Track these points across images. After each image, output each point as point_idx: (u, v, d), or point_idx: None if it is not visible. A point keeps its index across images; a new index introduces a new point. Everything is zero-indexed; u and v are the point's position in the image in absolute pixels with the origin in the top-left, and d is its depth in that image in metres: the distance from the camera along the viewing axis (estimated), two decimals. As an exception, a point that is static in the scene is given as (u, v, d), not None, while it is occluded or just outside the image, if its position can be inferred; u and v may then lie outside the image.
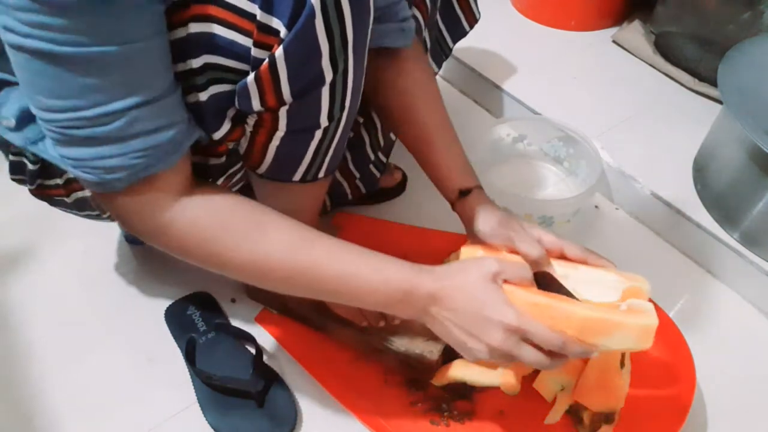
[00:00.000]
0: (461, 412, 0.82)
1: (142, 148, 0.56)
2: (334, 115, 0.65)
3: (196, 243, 0.61)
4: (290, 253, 0.62)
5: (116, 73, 0.52)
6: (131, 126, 0.55)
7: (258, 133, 0.66)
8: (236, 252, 0.61)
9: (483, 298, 0.61)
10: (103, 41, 0.50)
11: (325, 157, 0.71)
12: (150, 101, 0.55)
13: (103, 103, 0.53)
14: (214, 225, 0.61)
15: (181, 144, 0.59)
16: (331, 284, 0.63)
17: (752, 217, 0.98)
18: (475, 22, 1.01)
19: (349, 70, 0.62)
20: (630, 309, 0.62)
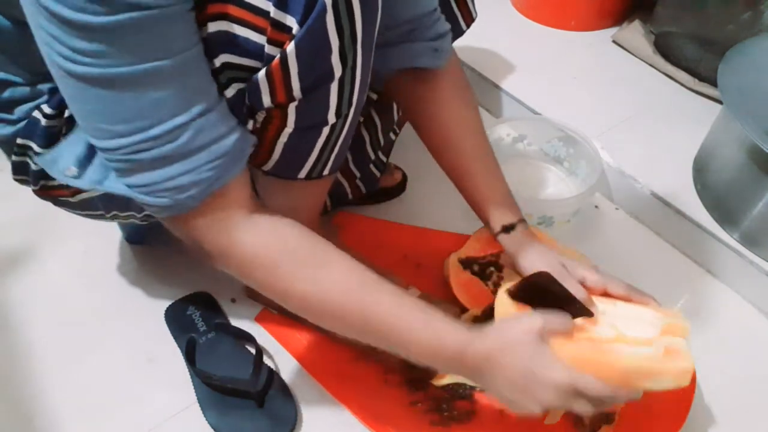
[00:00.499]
0: (461, 412, 0.82)
1: (210, 159, 0.56)
2: (341, 112, 0.65)
3: (260, 264, 0.61)
4: (349, 295, 0.62)
5: (173, 86, 0.53)
6: (196, 138, 0.55)
7: (266, 130, 0.66)
8: (297, 283, 0.61)
9: (533, 358, 0.60)
10: (153, 56, 0.51)
11: (330, 154, 0.71)
12: (209, 109, 0.56)
13: (166, 118, 0.53)
14: (281, 250, 0.61)
15: (244, 150, 0.59)
16: (384, 333, 0.63)
17: (752, 217, 0.98)
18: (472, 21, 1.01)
19: (357, 66, 0.62)
20: (667, 351, 0.62)
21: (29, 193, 0.77)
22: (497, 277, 0.92)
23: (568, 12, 1.42)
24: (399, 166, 1.13)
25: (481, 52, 1.34)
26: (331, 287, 0.62)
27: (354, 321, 0.63)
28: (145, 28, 0.50)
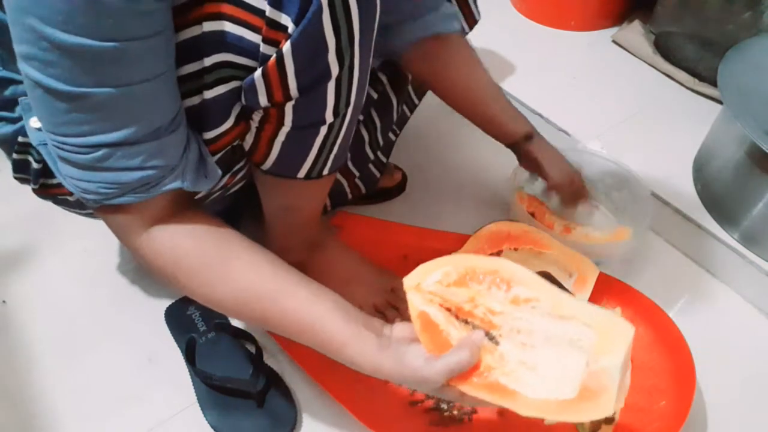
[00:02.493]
0: (461, 412, 0.82)
1: (111, 181, 0.59)
2: (339, 111, 0.65)
3: (159, 272, 0.66)
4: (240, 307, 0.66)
5: (104, 112, 0.55)
6: (107, 160, 0.57)
7: (264, 129, 0.67)
8: (191, 291, 0.67)
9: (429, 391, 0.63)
10: (101, 83, 0.53)
11: (329, 153, 0.71)
12: (129, 142, 0.57)
13: (87, 134, 0.56)
14: (173, 261, 0.65)
15: (154, 186, 0.61)
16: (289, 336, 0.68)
17: (752, 217, 0.98)
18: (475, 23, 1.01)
19: (355, 66, 0.62)
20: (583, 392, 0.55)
21: (29, 193, 0.77)
22: None
23: (568, 12, 1.42)
24: (399, 166, 1.13)
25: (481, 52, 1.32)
26: (223, 299, 0.66)
27: (262, 322, 0.67)
28: (105, 59, 0.52)
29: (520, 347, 0.59)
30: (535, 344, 0.59)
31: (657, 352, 0.86)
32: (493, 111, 0.93)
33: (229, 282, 0.65)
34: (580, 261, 0.91)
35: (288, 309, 0.65)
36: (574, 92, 1.28)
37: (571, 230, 0.99)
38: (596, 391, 0.55)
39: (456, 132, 1.26)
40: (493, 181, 1.13)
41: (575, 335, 0.58)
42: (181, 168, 0.62)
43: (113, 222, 0.65)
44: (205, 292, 0.66)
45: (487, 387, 0.58)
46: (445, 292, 0.63)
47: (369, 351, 0.63)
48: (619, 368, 0.56)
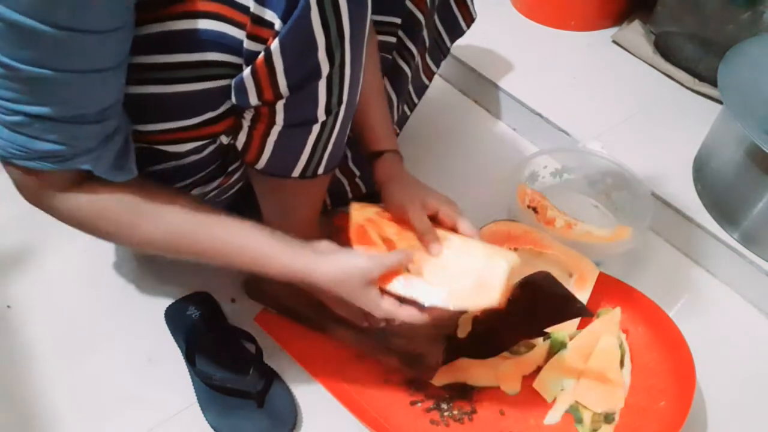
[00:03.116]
0: (461, 412, 0.82)
1: (21, 144, 0.57)
2: (331, 109, 0.65)
3: (81, 227, 0.66)
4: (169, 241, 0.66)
5: (33, 87, 0.54)
6: (21, 126, 0.56)
7: (255, 128, 0.67)
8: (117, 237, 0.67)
9: (359, 298, 0.69)
10: (39, 63, 0.52)
11: (323, 152, 0.71)
12: (48, 118, 0.56)
13: (9, 100, 0.54)
14: (92, 215, 0.64)
15: (66, 162, 0.60)
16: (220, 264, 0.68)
17: (752, 217, 0.98)
18: (472, 21, 1.01)
19: (346, 64, 0.62)
20: (478, 284, 0.70)
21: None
22: None
23: (568, 12, 1.42)
24: (399, 166, 1.13)
25: (481, 52, 1.34)
26: (150, 238, 0.66)
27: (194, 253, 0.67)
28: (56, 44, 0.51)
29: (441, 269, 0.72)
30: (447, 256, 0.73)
31: (657, 352, 0.86)
32: (364, 118, 0.83)
33: (154, 218, 0.65)
34: (580, 261, 0.91)
35: (217, 235, 0.67)
36: (574, 92, 1.28)
37: (572, 227, 0.99)
38: (484, 285, 0.69)
39: (456, 132, 1.26)
40: (493, 181, 1.13)
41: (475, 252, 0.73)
42: (97, 153, 0.61)
43: (21, 180, 0.63)
44: (132, 234, 0.66)
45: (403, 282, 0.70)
46: (381, 222, 0.76)
47: (305, 258, 0.68)
48: (505, 266, 0.70)
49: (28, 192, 0.64)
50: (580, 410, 0.82)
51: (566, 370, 0.84)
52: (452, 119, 1.29)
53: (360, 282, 0.68)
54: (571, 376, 0.84)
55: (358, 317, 0.84)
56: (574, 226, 0.99)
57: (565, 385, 0.84)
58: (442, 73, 1.36)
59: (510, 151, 1.23)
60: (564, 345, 0.87)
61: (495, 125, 1.29)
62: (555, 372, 0.84)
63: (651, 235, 1.08)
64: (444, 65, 1.34)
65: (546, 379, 0.84)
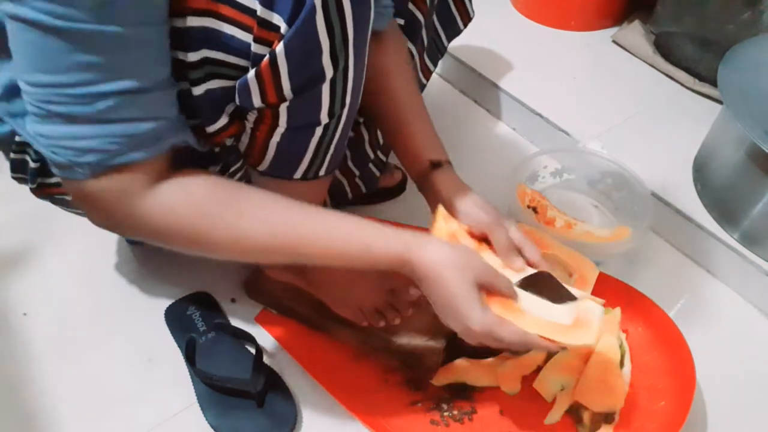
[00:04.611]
0: (461, 412, 0.82)
1: (120, 134, 0.55)
2: (334, 112, 0.65)
3: (175, 229, 0.60)
4: (275, 235, 0.62)
5: (110, 55, 0.52)
6: (115, 110, 0.54)
7: (258, 130, 0.67)
8: (217, 237, 0.61)
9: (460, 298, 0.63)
10: (105, 20, 0.50)
11: (326, 154, 0.71)
12: (139, 90, 0.54)
13: (91, 82, 0.52)
14: (190, 212, 0.60)
15: (162, 139, 0.58)
16: (318, 260, 0.64)
17: (752, 217, 0.98)
18: (470, 20, 1.01)
19: (349, 67, 0.62)
20: (575, 324, 0.67)
21: (29, 194, 0.77)
22: None
23: (568, 12, 1.42)
24: (399, 166, 1.13)
25: (481, 52, 1.34)
26: (252, 233, 0.61)
27: (286, 255, 0.63)
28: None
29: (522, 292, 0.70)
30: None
31: (657, 352, 0.86)
32: (407, 128, 0.80)
33: (255, 212, 0.61)
34: (580, 261, 0.91)
35: (318, 226, 0.63)
36: (574, 92, 1.28)
37: (572, 227, 0.99)
38: (585, 323, 0.67)
39: (456, 132, 1.26)
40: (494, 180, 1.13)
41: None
42: (182, 121, 0.60)
43: (108, 189, 0.58)
44: (232, 234, 0.61)
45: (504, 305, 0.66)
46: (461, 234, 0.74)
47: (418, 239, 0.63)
48: (601, 310, 0.69)
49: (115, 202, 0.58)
50: (580, 410, 0.82)
51: (566, 370, 0.84)
52: (452, 119, 1.29)
53: (471, 277, 0.62)
54: (571, 376, 0.84)
55: (358, 317, 0.84)
56: (574, 226, 0.99)
57: (565, 385, 0.84)
58: (442, 73, 1.37)
59: (510, 151, 1.23)
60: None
61: (495, 125, 1.29)
62: (555, 372, 0.84)
63: (651, 235, 1.08)
64: (444, 65, 1.35)
65: (546, 379, 0.84)
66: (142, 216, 0.59)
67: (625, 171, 1.04)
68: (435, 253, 0.63)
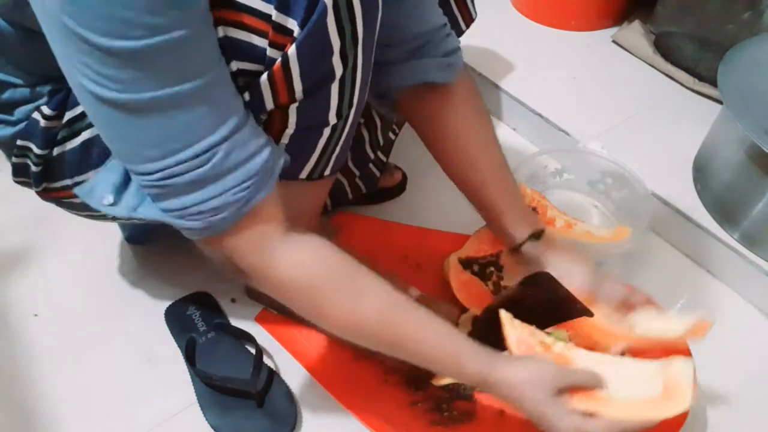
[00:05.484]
0: (461, 412, 0.82)
1: (241, 180, 0.56)
2: (342, 113, 0.65)
3: (297, 286, 0.62)
4: (382, 323, 0.64)
5: (201, 107, 0.53)
6: (228, 158, 0.55)
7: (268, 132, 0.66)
8: (333, 308, 0.63)
9: (546, 407, 0.63)
10: (181, 79, 0.51)
11: (332, 155, 0.71)
12: (239, 127, 0.55)
13: (197, 140, 0.53)
14: (319, 274, 0.62)
15: (274, 168, 0.59)
16: (412, 356, 0.66)
17: (752, 217, 0.98)
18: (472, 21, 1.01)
19: (358, 66, 0.62)
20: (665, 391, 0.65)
21: (29, 194, 0.77)
22: (497, 277, 0.92)
23: (568, 12, 1.42)
24: (399, 166, 1.13)
25: (481, 52, 1.34)
26: (366, 314, 0.63)
27: (384, 344, 0.66)
28: (171, 51, 0.49)
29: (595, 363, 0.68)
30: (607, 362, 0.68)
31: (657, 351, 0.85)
32: (489, 194, 0.79)
33: (373, 299, 0.63)
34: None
35: (417, 324, 0.65)
36: (574, 92, 1.28)
37: (572, 227, 0.99)
38: (676, 388, 0.64)
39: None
40: (493, 181, 1.13)
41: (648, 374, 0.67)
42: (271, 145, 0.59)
43: (246, 239, 0.59)
44: (347, 307, 0.62)
45: (589, 396, 0.64)
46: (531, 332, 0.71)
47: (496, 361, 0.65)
48: (691, 366, 0.65)
49: (251, 249, 0.60)
50: (580, 410, 0.81)
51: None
52: (452, 119, 1.28)
53: (549, 390, 0.63)
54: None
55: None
56: (574, 226, 0.99)
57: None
58: (442, 73, 1.36)
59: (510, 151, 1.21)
60: (564, 345, 0.86)
61: (495, 125, 1.28)
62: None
63: (651, 235, 1.08)
64: (444, 65, 1.34)
65: (546, 379, 0.84)
66: (272, 266, 0.60)
67: (625, 171, 1.04)
68: (514, 377, 0.64)
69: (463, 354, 0.65)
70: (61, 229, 1.02)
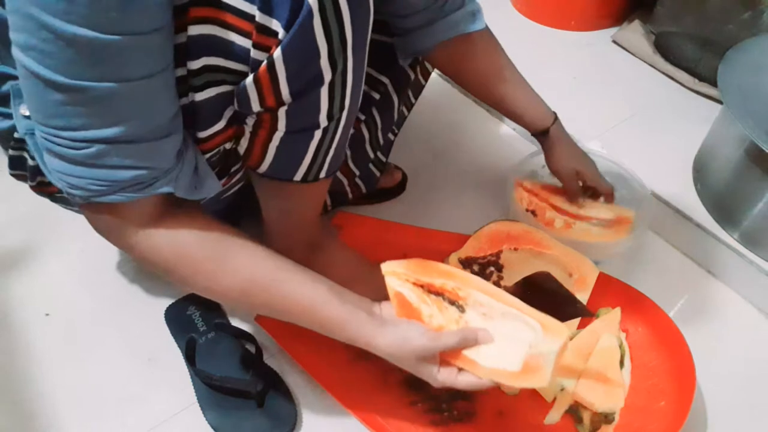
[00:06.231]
0: (461, 412, 0.82)
1: (102, 178, 0.58)
2: (333, 115, 0.65)
3: (158, 267, 0.66)
4: (243, 296, 0.68)
5: (101, 107, 0.54)
6: (98, 157, 0.56)
7: (257, 134, 0.66)
8: (193, 282, 0.67)
9: (417, 367, 0.70)
10: (100, 78, 0.52)
11: (325, 157, 0.71)
12: (124, 140, 0.56)
13: (81, 128, 0.54)
14: (172, 257, 0.65)
15: (146, 187, 0.60)
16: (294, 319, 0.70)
17: (752, 217, 0.98)
18: None
19: (348, 70, 0.62)
20: (524, 369, 0.67)
21: (29, 193, 0.77)
22: (497, 277, 0.92)
23: (568, 12, 1.42)
24: (399, 166, 1.13)
25: (481, 52, 1.34)
26: (227, 287, 0.67)
27: (263, 308, 0.71)
28: (107, 52, 0.51)
29: (481, 317, 0.70)
30: (493, 317, 0.70)
31: (657, 352, 0.86)
32: (511, 102, 0.96)
33: (232, 273, 0.66)
34: (580, 261, 0.91)
35: (288, 294, 0.68)
36: (574, 92, 1.28)
37: (571, 226, 0.99)
38: (534, 369, 0.67)
39: (456, 132, 1.26)
40: (493, 180, 1.13)
41: (524, 321, 0.69)
42: (176, 173, 0.62)
43: (101, 221, 0.64)
44: (208, 284, 0.67)
45: (459, 357, 0.69)
46: (417, 272, 0.73)
47: (367, 329, 0.69)
48: (554, 354, 0.66)
49: (108, 230, 0.65)
50: (580, 410, 0.82)
51: (566, 370, 0.84)
52: (452, 119, 1.29)
53: (417, 358, 0.69)
54: (571, 376, 0.84)
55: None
56: (573, 225, 0.99)
57: (565, 385, 0.84)
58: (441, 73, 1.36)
59: (510, 151, 1.23)
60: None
61: (495, 125, 1.29)
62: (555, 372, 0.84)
63: (651, 235, 1.08)
64: (444, 65, 1.34)
65: (546, 379, 0.84)
66: (130, 248, 0.65)
67: (625, 171, 1.04)
68: (382, 345, 0.69)
69: (335, 324, 0.69)
70: (61, 228, 1.02)
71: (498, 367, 0.68)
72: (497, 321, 0.70)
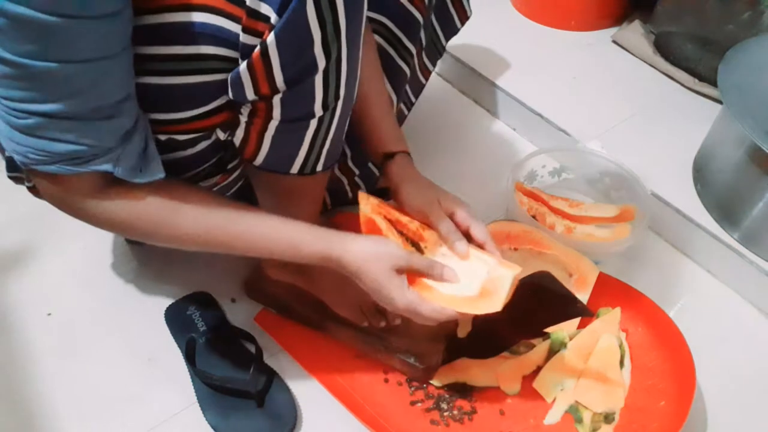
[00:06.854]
0: (461, 412, 0.82)
1: (41, 148, 0.58)
2: (328, 104, 0.65)
3: (115, 229, 0.69)
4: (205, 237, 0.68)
5: (41, 83, 0.54)
6: (36, 128, 0.56)
7: (253, 123, 0.67)
8: (155, 234, 0.67)
9: (384, 284, 0.69)
10: (43, 57, 0.52)
11: (322, 148, 0.71)
12: (62, 116, 0.56)
13: (21, 100, 0.55)
14: (128, 217, 0.65)
15: (86, 163, 0.60)
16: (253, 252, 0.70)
17: (752, 217, 0.98)
18: (467, 18, 1.01)
19: (342, 58, 0.62)
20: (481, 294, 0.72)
21: (28, 193, 0.77)
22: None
23: (568, 12, 1.42)
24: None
25: (481, 52, 1.34)
26: (191, 227, 0.67)
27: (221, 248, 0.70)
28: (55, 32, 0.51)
29: (441, 257, 0.75)
30: (452, 257, 0.75)
31: (657, 352, 0.86)
32: (370, 121, 0.83)
33: (192, 217, 0.67)
34: (580, 261, 0.91)
35: (251, 226, 0.69)
36: (574, 92, 1.28)
37: (572, 231, 0.99)
38: (491, 292, 0.71)
39: (455, 131, 1.26)
40: (493, 180, 1.13)
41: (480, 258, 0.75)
42: (117, 153, 0.61)
43: (47, 188, 0.64)
44: (170, 232, 0.67)
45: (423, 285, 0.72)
46: (390, 209, 0.79)
47: (338, 237, 0.69)
48: (510, 277, 0.72)
49: (53, 198, 0.65)
50: (580, 410, 0.82)
51: (566, 370, 0.84)
52: (452, 119, 1.29)
53: (389, 266, 0.68)
54: (571, 376, 0.84)
55: (358, 317, 0.84)
56: (574, 230, 0.99)
57: (565, 385, 0.84)
58: (441, 72, 1.37)
59: (509, 151, 1.23)
60: (564, 345, 0.87)
61: (494, 125, 1.29)
62: (555, 372, 0.84)
63: (651, 235, 1.08)
64: (443, 65, 1.35)
65: (546, 379, 0.84)
66: (81, 216, 0.65)
67: (625, 171, 1.04)
68: (356, 251, 0.69)
69: (301, 240, 0.69)
70: (61, 228, 1.02)
71: (456, 294, 0.71)
72: (456, 260, 0.75)
